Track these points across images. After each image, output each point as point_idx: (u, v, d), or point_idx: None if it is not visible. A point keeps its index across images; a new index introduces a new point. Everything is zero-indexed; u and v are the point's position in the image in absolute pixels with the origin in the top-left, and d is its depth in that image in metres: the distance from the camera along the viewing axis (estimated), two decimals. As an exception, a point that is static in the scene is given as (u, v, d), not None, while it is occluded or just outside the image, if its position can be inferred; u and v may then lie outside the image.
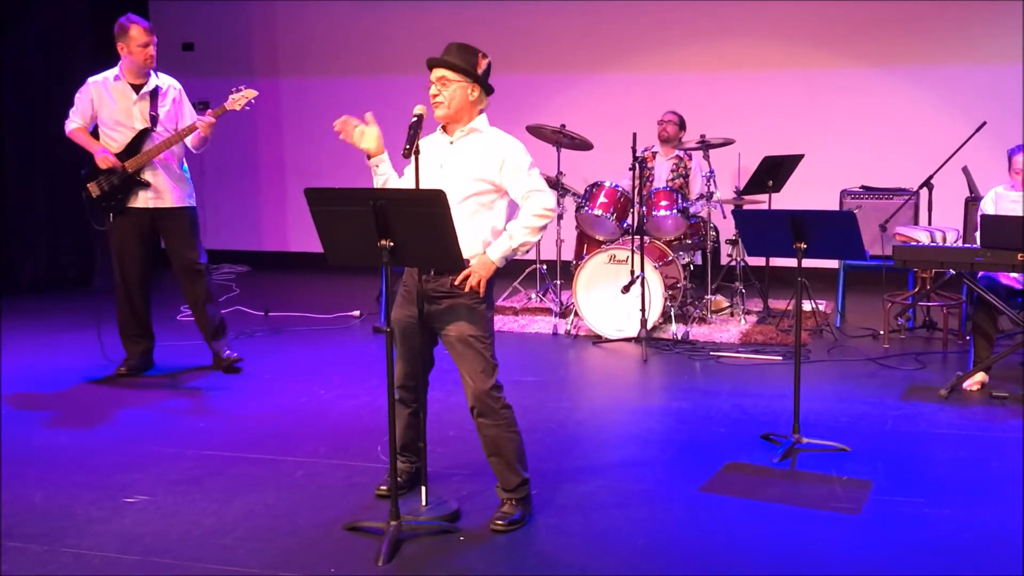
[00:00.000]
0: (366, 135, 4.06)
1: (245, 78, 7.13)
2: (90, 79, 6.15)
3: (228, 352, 6.44)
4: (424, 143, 4.03)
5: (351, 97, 9.77)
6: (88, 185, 6.09)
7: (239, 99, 6.00)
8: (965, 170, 7.42)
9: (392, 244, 3.68)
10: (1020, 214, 5.78)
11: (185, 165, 6.29)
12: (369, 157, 4.07)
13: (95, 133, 6.16)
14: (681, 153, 8.30)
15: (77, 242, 9.54)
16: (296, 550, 3.85)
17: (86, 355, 6.70)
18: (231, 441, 5.11)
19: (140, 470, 4.68)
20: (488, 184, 3.97)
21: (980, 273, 5.87)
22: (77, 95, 6.15)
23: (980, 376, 5.91)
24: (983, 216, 5.74)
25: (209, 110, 6.09)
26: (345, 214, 3.74)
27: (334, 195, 3.83)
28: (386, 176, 4.07)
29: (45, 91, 9.25)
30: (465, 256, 3.82)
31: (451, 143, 4.03)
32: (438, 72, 3.99)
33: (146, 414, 5.60)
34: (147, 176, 6.08)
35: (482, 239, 3.97)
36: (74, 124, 6.13)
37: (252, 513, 4.20)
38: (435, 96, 3.98)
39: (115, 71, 6.12)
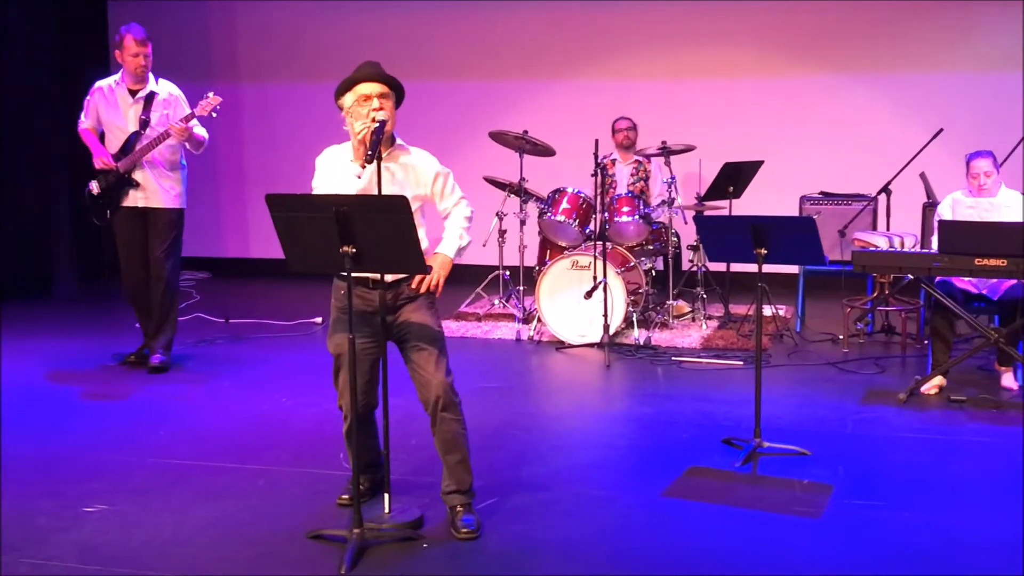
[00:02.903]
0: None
1: (204, 82, 7.11)
2: (97, 83, 6.54)
3: (159, 357, 6.54)
4: (340, 158, 4.04)
5: (311, 102, 9.71)
6: (90, 183, 6.46)
7: (206, 105, 6.25)
8: (923, 176, 7.50)
9: (355, 250, 3.68)
10: (977, 219, 5.85)
11: (183, 169, 6.59)
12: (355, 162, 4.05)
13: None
14: (639, 157, 8.35)
15: (37, 251, 9.45)
16: (258, 559, 3.82)
17: (43, 363, 6.62)
18: (191, 449, 5.06)
19: (99, 479, 4.63)
20: (420, 200, 4.10)
21: (938, 278, 5.94)
22: (86, 98, 6.52)
23: (938, 380, 5.97)
24: (941, 222, 5.81)
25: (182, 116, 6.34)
26: (307, 220, 3.72)
27: (296, 201, 3.81)
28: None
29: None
30: None
31: (382, 157, 3.97)
32: (380, 88, 3.98)
33: (105, 422, 5.54)
34: (137, 176, 6.41)
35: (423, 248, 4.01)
36: (84, 124, 6.52)
37: (213, 522, 4.16)
38: (378, 110, 3.95)
39: (117, 76, 6.49)
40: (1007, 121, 7.85)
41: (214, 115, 6.27)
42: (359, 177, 3.87)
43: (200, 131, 6.40)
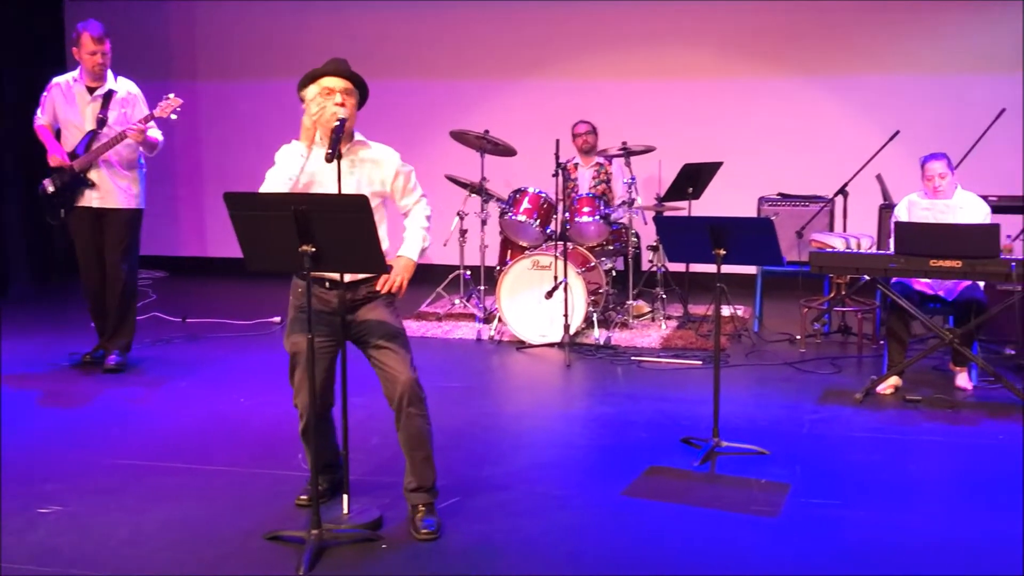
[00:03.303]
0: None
1: (162, 81, 7.04)
2: (54, 79, 6.43)
3: (115, 359, 6.48)
4: (300, 153, 4.02)
5: (270, 101, 9.65)
6: (44, 181, 6.33)
7: (166, 107, 6.18)
8: (879, 178, 7.58)
9: (314, 250, 3.66)
10: (932, 221, 5.92)
11: (140, 169, 6.48)
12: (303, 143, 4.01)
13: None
14: (601, 159, 8.37)
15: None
16: (216, 560, 3.79)
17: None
18: (147, 450, 5.01)
19: (53, 480, 4.57)
20: (380, 196, 4.09)
21: (894, 279, 6.01)
22: (43, 94, 6.40)
23: (894, 380, 6.03)
24: (897, 223, 5.87)
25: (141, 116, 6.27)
26: (265, 219, 3.69)
27: (254, 200, 3.79)
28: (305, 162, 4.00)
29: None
30: None
31: (341, 155, 3.95)
32: (344, 83, 3.97)
33: (60, 423, 5.47)
34: (92, 176, 6.31)
35: (383, 246, 3.99)
36: (41, 121, 6.39)
37: (170, 523, 4.12)
38: (341, 105, 3.94)
39: (76, 73, 6.37)
40: (962, 123, 7.95)
41: (174, 117, 6.21)
42: (327, 160, 3.83)
43: (155, 134, 6.31)
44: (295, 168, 3.95)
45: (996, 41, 8.76)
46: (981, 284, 6.02)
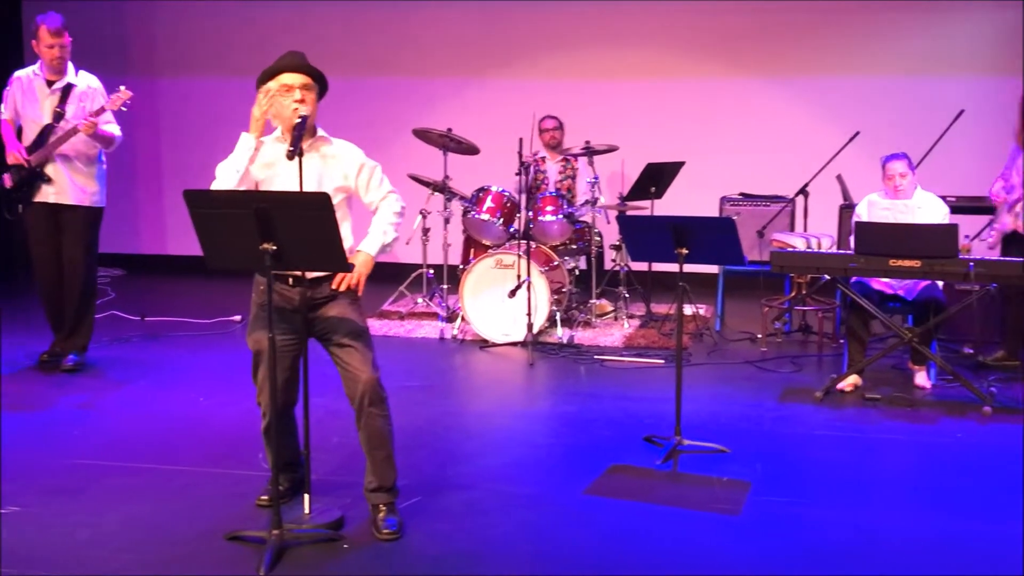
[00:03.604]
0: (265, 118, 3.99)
1: (120, 77, 6.94)
2: (15, 73, 6.34)
3: (73, 358, 6.41)
4: (264, 149, 4.01)
5: (230, 97, 9.56)
6: (3, 176, 6.28)
7: (116, 99, 6.11)
8: (839, 178, 7.64)
9: (275, 248, 3.63)
10: (892, 221, 5.97)
11: (100, 165, 6.38)
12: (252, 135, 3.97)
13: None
14: (567, 155, 8.38)
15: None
16: (176, 560, 3.76)
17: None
18: (106, 450, 4.96)
19: (12, 480, 4.50)
20: (343, 193, 4.05)
21: (854, 278, 6.05)
22: (5, 89, 6.33)
23: (853, 378, 6.08)
24: (857, 223, 5.91)
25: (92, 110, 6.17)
26: (226, 217, 3.66)
27: (214, 198, 3.76)
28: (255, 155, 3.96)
29: None
30: None
31: (303, 152, 3.93)
32: (303, 79, 3.95)
33: (18, 423, 5.38)
34: (49, 171, 6.21)
35: (346, 244, 3.97)
36: (4, 116, 6.32)
37: (130, 523, 4.08)
38: (301, 102, 3.92)
39: (36, 67, 6.29)
40: (922, 125, 8.02)
41: (124, 109, 6.13)
42: (289, 158, 3.79)
43: (111, 128, 6.20)
44: (243, 160, 3.92)
45: (955, 43, 8.86)
46: (940, 284, 6.08)
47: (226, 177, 3.93)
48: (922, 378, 6.16)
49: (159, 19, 10.37)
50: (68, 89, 6.21)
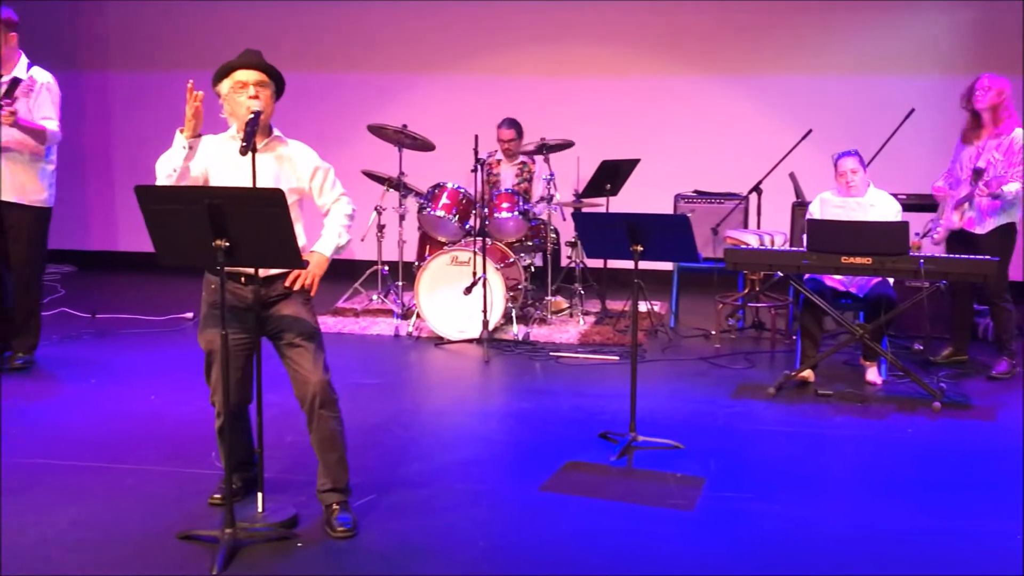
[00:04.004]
0: (200, 117, 3.91)
1: (71, 70, 6.84)
2: None
3: (21, 358, 6.31)
4: (216, 146, 3.98)
5: (181, 91, 9.47)
6: None
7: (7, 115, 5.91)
8: (792, 176, 7.70)
9: (228, 244, 3.59)
10: (844, 219, 6.03)
11: (45, 163, 6.21)
12: (190, 136, 3.88)
13: None
14: (525, 158, 8.37)
15: None
16: (126, 560, 3.71)
17: None
18: (56, 449, 4.88)
19: (-45, 481, 4.44)
20: (296, 194, 4.02)
21: (806, 275, 6.11)
22: None
23: (806, 374, 6.14)
24: (809, 220, 5.97)
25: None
26: (178, 213, 3.62)
27: (166, 193, 3.72)
28: (192, 161, 3.89)
29: None
30: None
31: (257, 151, 3.88)
32: (257, 76, 3.92)
33: (-38, 422, 5.31)
34: None
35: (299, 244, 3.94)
36: None
37: (79, 523, 4.03)
38: (255, 98, 3.88)
39: None
40: (873, 123, 8.11)
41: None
42: (242, 154, 3.75)
43: (51, 125, 6.05)
44: (177, 161, 3.85)
45: (905, 43, 8.98)
46: (891, 280, 6.16)
47: (162, 176, 3.87)
48: (873, 374, 6.23)
49: (111, 14, 10.24)
50: (15, 83, 6.03)
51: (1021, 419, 5.49)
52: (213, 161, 3.96)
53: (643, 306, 7.63)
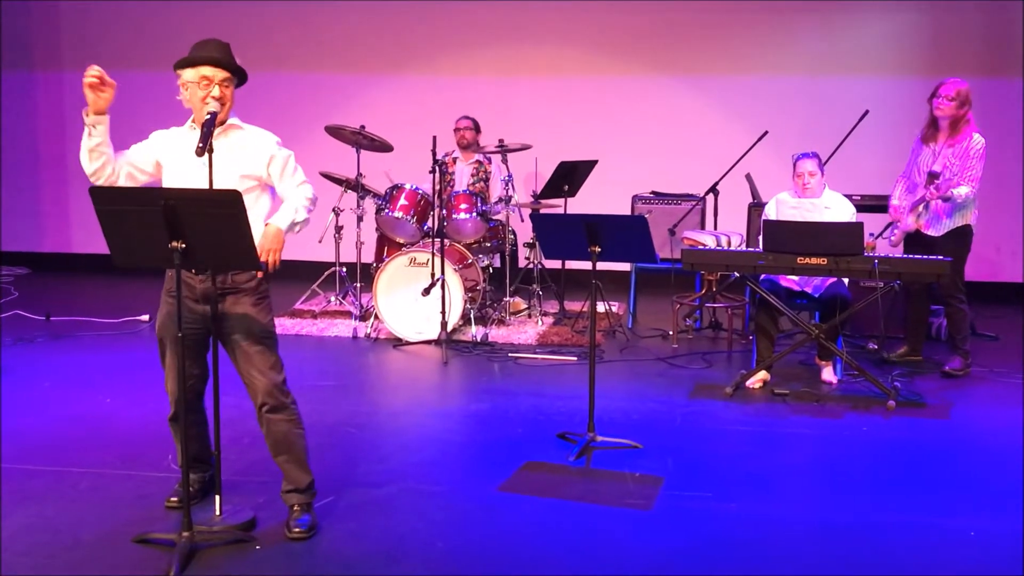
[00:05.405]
0: (107, 96, 3.89)
1: (24, 71, 6.75)
2: None
3: None
4: (174, 139, 3.96)
5: (139, 92, 9.39)
6: None
7: None
8: (748, 177, 7.76)
9: (184, 246, 3.56)
10: (800, 220, 6.08)
11: None
12: (91, 115, 3.88)
13: None
14: (481, 157, 8.37)
15: None
16: (82, 564, 3.67)
17: None
18: (8, 452, 4.81)
19: (-95, 486, 4.37)
20: (254, 180, 3.95)
21: (762, 276, 6.16)
22: None
23: (762, 374, 6.19)
24: (766, 221, 6.02)
25: None
26: (133, 214, 3.58)
27: (121, 194, 3.68)
28: (102, 140, 3.86)
29: None
30: None
31: (212, 148, 3.85)
32: (222, 73, 3.88)
33: (-88, 426, 5.23)
34: None
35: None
36: None
37: (31, 527, 3.98)
38: (219, 98, 3.85)
39: None
40: (828, 124, 8.19)
41: None
42: (198, 154, 3.70)
43: None
44: (86, 141, 3.83)
45: (860, 44, 9.08)
46: (846, 281, 6.22)
47: (84, 163, 3.87)
48: (828, 373, 6.29)
49: (64, 12, 10.12)
50: None
51: (974, 417, 5.58)
52: (166, 153, 3.92)
53: (601, 307, 7.65)
